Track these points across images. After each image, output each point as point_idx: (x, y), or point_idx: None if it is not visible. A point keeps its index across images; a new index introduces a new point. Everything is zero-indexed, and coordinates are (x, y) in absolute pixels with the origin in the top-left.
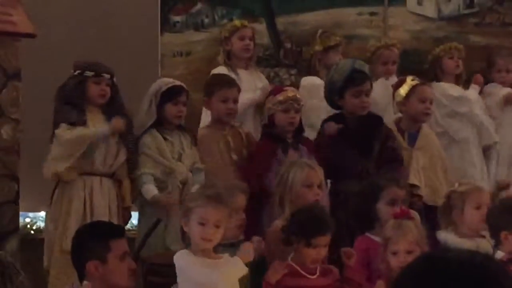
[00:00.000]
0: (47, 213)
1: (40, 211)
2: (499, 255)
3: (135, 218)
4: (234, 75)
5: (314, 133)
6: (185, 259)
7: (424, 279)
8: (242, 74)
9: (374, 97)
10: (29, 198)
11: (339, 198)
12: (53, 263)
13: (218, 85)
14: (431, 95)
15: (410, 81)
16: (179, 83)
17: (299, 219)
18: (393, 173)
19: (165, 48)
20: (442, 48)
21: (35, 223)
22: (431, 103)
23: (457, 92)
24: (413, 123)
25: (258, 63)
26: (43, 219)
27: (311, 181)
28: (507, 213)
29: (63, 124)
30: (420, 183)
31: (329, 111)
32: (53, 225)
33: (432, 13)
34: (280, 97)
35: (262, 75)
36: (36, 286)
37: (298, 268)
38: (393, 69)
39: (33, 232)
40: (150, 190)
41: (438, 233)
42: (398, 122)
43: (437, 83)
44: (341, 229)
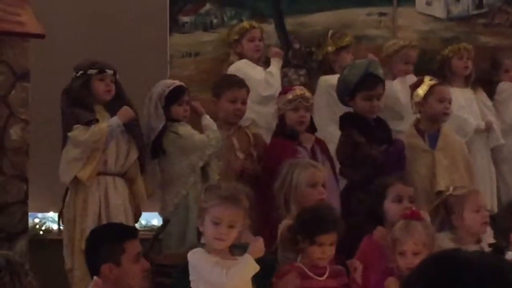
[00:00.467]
0: (61, 214)
1: (49, 211)
2: (509, 256)
3: (143, 218)
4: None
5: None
6: (198, 257)
7: (434, 280)
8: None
9: (396, 95)
10: (38, 198)
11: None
12: (77, 264)
13: (227, 85)
14: (449, 94)
15: (428, 81)
16: (179, 83)
17: (303, 217)
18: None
19: (174, 48)
20: (451, 48)
21: (44, 223)
22: (450, 103)
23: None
24: (432, 123)
25: (267, 63)
26: (52, 219)
27: (315, 180)
28: None
29: (77, 126)
30: (446, 186)
31: None
32: (67, 227)
33: (441, 14)
34: (289, 96)
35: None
36: (45, 287)
37: (306, 270)
38: (411, 69)
39: (42, 232)
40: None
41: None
42: (417, 124)
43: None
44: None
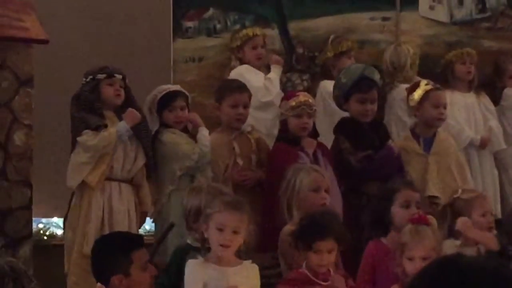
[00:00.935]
0: (65, 219)
1: (53, 217)
2: None
3: (148, 223)
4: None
5: None
6: (193, 270)
7: (438, 284)
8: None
9: None
10: (42, 204)
11: (361, 201)
12: (72, 268)
13: (228, 90)
14: (444, 100)
15: (424, 85)
16: (174, 88)
17: (303, 223)
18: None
19: (178, 54)
20: (454, 53)
21: (48, 229)
22: (445, 108)
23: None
24: (428, 128)
25: (269, 68)
26: (56, 225)
27: (318, 185)
28: None
29: (86, 131)
30: (437, 191)
31: None
32: (72, 231)
33: (444, 18)
34: (293, 102)
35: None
36: None
37: (310, 275)
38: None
39: (46, 238)
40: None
41: (444, 243)
42: (413, 127)
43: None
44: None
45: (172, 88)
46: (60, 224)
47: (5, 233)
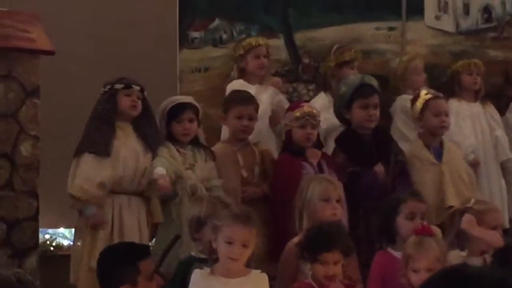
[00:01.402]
0: (75, 229)
1: (59, 227)
2: None
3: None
4: (250, 88)
5: None
6: (197, 280)
7: None
8: (252, 90)
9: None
10: (48, 214)
11: (358, 214)
12: (80, 282)
13: (234, 101)
14: (445, 107)
15: (424, 95)
16: (185, 100)
17: (309, 234)
18: (406, 186)
19: (184, 64)
20: (461, 63)
21: (55, 239)
22: (447, 116)
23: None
24: (433, 137)
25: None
26: (63, 235)
27: (329, 195)
28: None
29: (86, 154)
30: (455, 201)
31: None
32: (78, 242)
33: (450, 28)
34: (297, 113)
35: (272, 78)
36: None
37: (316, 286)
38: (424, 77)
39: (52, 248)
40: (159, 170)
41: (450, 254)
42: (420, 137)
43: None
44: (360, 244)
45: (182, 100)
46: (67, 234)
47: (11, 244)
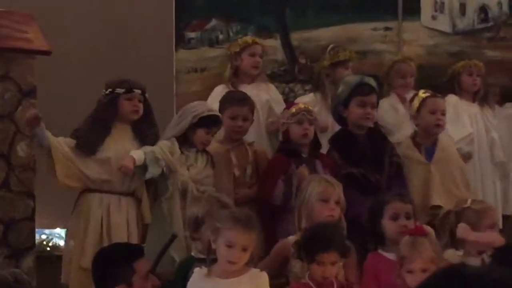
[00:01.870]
0: (67, 229)
1: (56, 228)
2: None
3: None
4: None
5: None
6: (194, 279)
7: None
8: (245, 89)
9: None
10: (45, 215)
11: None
12: (71, 281)
13: (228, 102)
14: (442, 106)
15: (422, 94)
16: (218, 113)
17: (306, 234)
18: (401, 187)
19: (180, 64)
20: (462, 64)
21: (51, 240)
22: (443, 114)
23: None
24: (427, 136)
25: (273, 78)
26: (59, 236)
27: (327, 196)
28: None
29: (71, 140)
30: (441, 200)
31: None
32: (70, 241)
33: (447, 28)
34: (293, 109)
35: (272, 86)
36: None
37: (313, 286)
38: (411, 82)
39: (49, 249)
40: (134, 153)
41: (446, 253)
42: (414, 136)
43: (450, 95)
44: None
45: (216, 113)
46: (63, 235)
47: (8, 244)
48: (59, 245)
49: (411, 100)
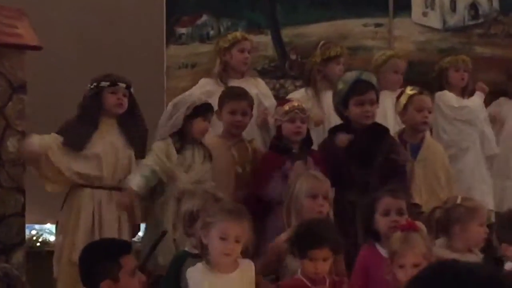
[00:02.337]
0: (57, 224)
1: (46, 223)
2: (508, 266)
3: (141, 230)
4: (219, 87)
5: None
6: (196, 275)
7: None
8: (234, 84)
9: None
10: (35, 210)
11: (345, 208)
12: (60, 275)
13: (227, 97)
14: (429, 104)
15: (409, 91)
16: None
17: (298, 231)
18: (396, 185)
19: (171, 60)
20: (449, 59)
21: (41, 235)
22: (430, 112)
23: (458, 103)
24: (414, 133)
25: (264, 74)
26: (50, 231)
27: (315, 192)
28: (507, 225)
29: (58, 136)
30: (420, 198)
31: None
32: (62, 237)
33: (437, 24)
34: (286, 107)
35: (261, 81)
36: None
37: (306, 281)
38: (401, 79)
39: (39, 244)
40: (133, 180)
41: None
42: (401, 133)
43: (440, 92)
44: (346, 239)
45: (208, 100)
46: (53, 230)
47: None
48: (49, 240)
49: (398, 97)
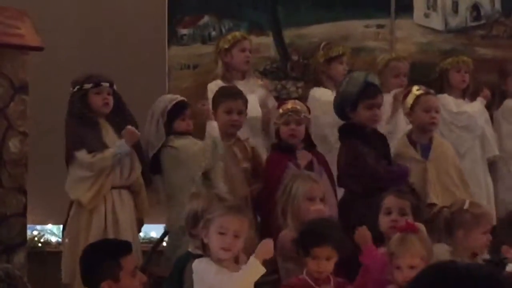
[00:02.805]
0: (64, 227)
1: (47, 224)
2: (510, 268)
3: (142, 230)
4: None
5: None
6: (203, 266)
7: None
8: (239, 85)
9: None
10: (36, 211)
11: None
12: (79, 280)
13: (222, 96)
14: (436, 103)
15: (415, 91)
16: (180, 98)
17: (302, 229)
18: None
19: (173, 61)
20: (450, 60)
21: (43, 236)
22: (437, 112)
23: (457, 107)
24: (422, 133)
25: (265, 75)
26: (51, 232)
27: (313, 194)
28: (508, 228)
29: (83, 150)
30: (437, 198)
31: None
32: (70, 240)
33: (439, 26)
34: (280, 110)
35: (259, 80)
36: None
37: (311, 281)
38: (404, 81)
39: (40, 245)
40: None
41: (435, 246)
42: (409, 134)
43: (440, 95)
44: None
45: (179, 98)
46: (55, 231)
47: None
48: (50, 241)
49: (404, 97)
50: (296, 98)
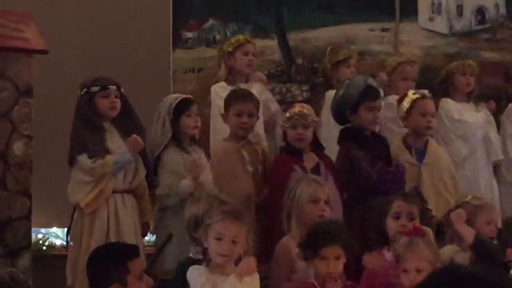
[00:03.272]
0: (69, 229)
1: (52, 227)
2: None
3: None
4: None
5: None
6: (194, 277)
7: None
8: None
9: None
10: (41, 214)
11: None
12: (79, 282)
13: (233, 99)
14: (432, 108)
15: (412, 95)
16: (186, 95)
17: (309, 232)
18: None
19: (177, 64)
20: (456, 64)
21: (47, 239)
22: (433, 116)
23: (458, 114)
24: (418, 137)
25: (270, 78)
26: (56, 235)
27: (317, 197)
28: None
29: (85, 155)
30: (430, 202)
31: None
32: (74, 243)
33: (444, 29)
34: (287, 114)
35: (262, 86)
36: None
37: (317, 285)
38: (412, 85)
39: (45, 248)
40: (185, 184)
41: (443, 249)
42: (405, 138)
43: (444, 100)
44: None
45: (183, 96)
46: (60, 234)
47: (4, 243)
48: (55, 244)
49: (399, 101)
50: (302, 101)
